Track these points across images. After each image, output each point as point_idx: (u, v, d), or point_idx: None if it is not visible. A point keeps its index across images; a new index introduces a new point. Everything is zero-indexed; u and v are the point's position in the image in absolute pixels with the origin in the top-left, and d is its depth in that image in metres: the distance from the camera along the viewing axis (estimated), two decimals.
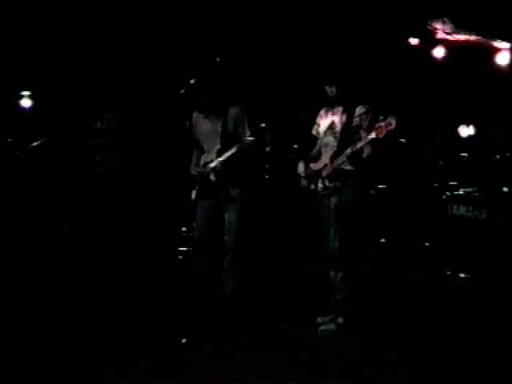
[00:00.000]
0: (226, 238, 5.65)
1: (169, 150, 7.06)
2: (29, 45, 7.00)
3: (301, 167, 5.27)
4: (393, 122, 4.57)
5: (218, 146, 5.56)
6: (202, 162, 5.73)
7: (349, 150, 4.84)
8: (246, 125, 5.57)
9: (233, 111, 5.60)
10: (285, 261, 7.07)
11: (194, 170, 5.79)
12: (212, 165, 5.57)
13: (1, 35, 6.83)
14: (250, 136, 5.52)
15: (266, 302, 5.85)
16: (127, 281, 6.20)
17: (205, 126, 5.69)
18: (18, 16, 6.89)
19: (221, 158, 5.50)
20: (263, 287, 6.26)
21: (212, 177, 5.57)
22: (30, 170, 6.64)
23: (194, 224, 5.78)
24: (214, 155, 5.60)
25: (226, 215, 5.63)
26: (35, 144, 5.90)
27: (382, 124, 4.62)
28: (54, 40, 7.05)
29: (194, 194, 5.75)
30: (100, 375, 4.09)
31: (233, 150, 5.44)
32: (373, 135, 4.67)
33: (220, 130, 5.57)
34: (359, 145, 4.79)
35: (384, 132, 4.60)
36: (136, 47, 7.28)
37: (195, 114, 5.78)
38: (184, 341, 4.60)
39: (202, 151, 5.78)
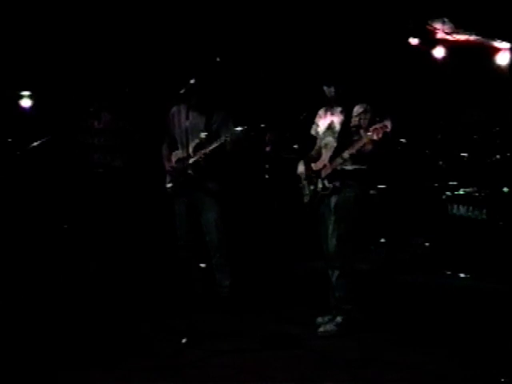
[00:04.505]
0: (207, 238, 5.62)
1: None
2: (29, 45, 7.00)
3: (301, 167, 5.28)
4: (388, 124, 4.65)
5: (197, 141, 5.52)
6: (174, 158, 5.68)
7: (347, 152, 4.85)
8: (231, 126, 5.52)
9: (219, 113, 5.58)
10: (284, 260, 7.07)
11: (167, 165, 5.73)
12: (191, 160, 5.50)
13: (1, 35, 6.83)
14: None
15: (266, 302, 5.85)
16: (127, 281, 6.21)
17: (186, 121, 5.62)
18: (18, 16, 6.89)
19: (206, 151, 5.43)
20: (262, 287, 6.26)
21: (190, 171, 5.52)
22: (30, 169, 6.64)
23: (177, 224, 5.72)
24: (190, 150, 5.54)
25: (203, 215, 5.59)
26: (35, 144, 5.89)
27: (378, 126, 4.68)
28: (53, 40, 7.04)
29: (169, 185, 5.68)
30: (100, 375, 4.10)
31: (218, 142, 5.38)
32: (369, 136, 4.71)
33: (201, 127, 5.54)
34: (357, 146, 4.80)
35: (380, 134, 4.66)
36: (136, 47, 7.27)
37: (176, 108, 5.71)
38: (184, 341, 4.61)
39: (174, 146, 5.71)
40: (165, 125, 5.79)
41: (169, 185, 5.68)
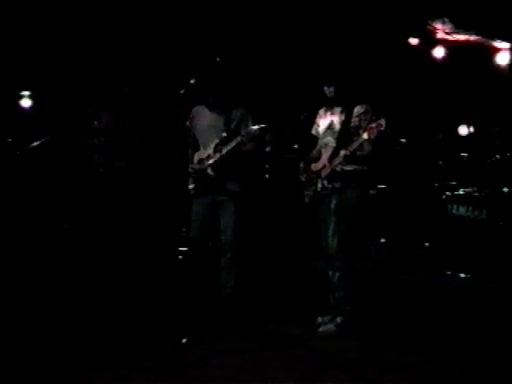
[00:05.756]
0: (222, 237, 5.64)
1: (168, 150, 7.06)
2: (29, 45, 7.00)
3: (302, 168, 5.28)
4: (383, 123, 4.67)
5: (217, 141, 5.53)
6: (196, 159, 5.71)
7: (343, 152, 4.86)
8: (251, 125, 5.55)
9: (237, 111, 5.59)
10: (285, 260, 7.08)
11: (190, 166, 5.73)
12: (211, 161, 5.53)
13: (1, 35, 6.83)
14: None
15: (266, 302, 5.84)
16: (127, 281, 6.21)
17: (206, 121, 5.64)
18: (18, 16, 6.89)
19: (223, 151, 5.46)
20: (263, 287, 6.26)
21: (210, 172, 5.54)
22: (30, 170, 6.64)
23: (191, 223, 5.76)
24: (211, 150, 5.56)
25: (222, 214, 5.61)
26: (35, 144, 5.90)
27: (374, 125, 4.70)
28: (53, 40, 7.05)
29: (191, 186, 5.70)
30: (100, 375, 4.09)
31: (236, 141, 5.40)
32: (365, 136, 4.73)
33: (221, 126, 5.55)
34: (354, 146, 4.81)
35: (375, 133, 4.67)
36: (136, 47, 7.28)
37: (197, 108, 5.74)
38: (184, 341, 4.61)
39: (196, 147, 5.76)
40: (187, 126, 5.79)
41: (191, 186, 5.69)
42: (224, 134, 5.50)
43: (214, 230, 5.65)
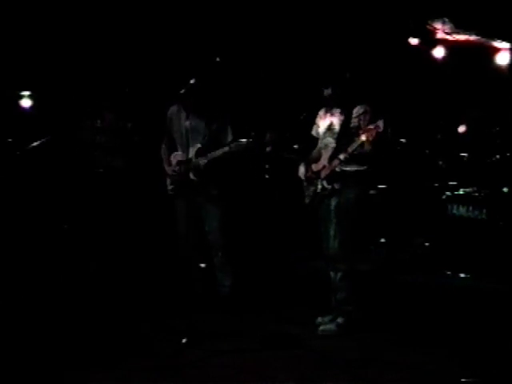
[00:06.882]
0: (209, 238, 5.64)
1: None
2: (29, 45, 7.00)
3: (301, 169, 5.28)
4: (380, 124, 4.69)
5: (199, 145, 5.52)
6: (174, 161, 5.68)
7: (343, 154, 4.86)
8: (230, 130, 5.55)
9: (218, 116, 5.58)
10: (285, 260, 7.08)
11: (168, 169, 5.73)
12: (193, 165, 5.50)
13: (1, 35, 6.83)
14: (232, 140, 5.51)
15: (266, 302, 5.85)
16: (127, 281, 6.21)
17: (186, 123, 5.61)
18: (18, 16, 6.89)
19: (208, 158, 5.44)
20: (263, 287, 6.26)
21: (192, 176, 5.53)
22: (30, 170, 6.64)
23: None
24: (191, 154, 5.55)
25: (205, 216, 5.60)
26: (35, 144, 5.89)
27: (372, 127, 4.71)
28: (53, 40, 7.05)
29: (170, 187, 5.69)
30: (100, 375, 4.10)
31: (223, 151, 5.41)
32: (363, 138, 4.73)
33: (202, 129, 5.54)
34: (352, 147, 4.81)
35: (373, 134, 4.69)
36: (136, 47, 7.27)
37: (175, 108, 5.71)
38: (184, 341, 4.61)
39: (173, 147, 5.72)
40: (164, 125, 5.78)
41: (170, 187, 5.69)
42: (205, 140, 5.49)
43: (202, 229, 5.64)
